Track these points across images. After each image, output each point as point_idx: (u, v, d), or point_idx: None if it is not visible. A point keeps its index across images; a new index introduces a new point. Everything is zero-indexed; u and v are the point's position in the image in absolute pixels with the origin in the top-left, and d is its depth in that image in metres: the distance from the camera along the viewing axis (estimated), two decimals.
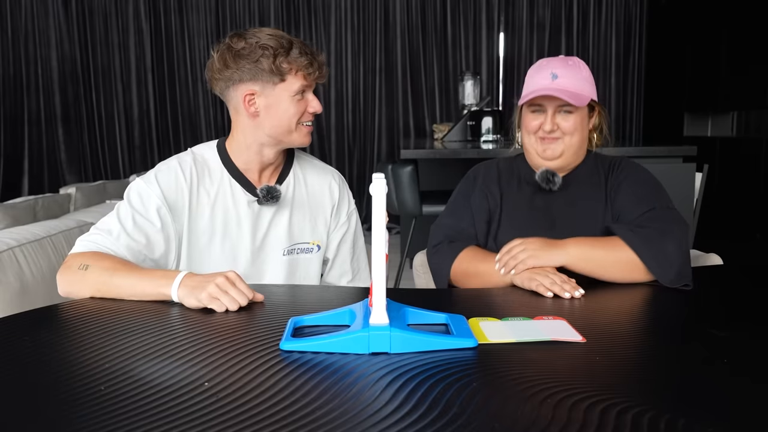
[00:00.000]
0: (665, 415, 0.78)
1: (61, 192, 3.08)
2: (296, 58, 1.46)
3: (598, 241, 1.41)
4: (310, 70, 1.48)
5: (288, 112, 1.49)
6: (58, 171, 5.76)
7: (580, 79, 1.51)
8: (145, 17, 5.64)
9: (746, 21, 4.52)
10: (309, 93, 1.51)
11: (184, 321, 1.19)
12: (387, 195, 1.00)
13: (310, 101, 1.51)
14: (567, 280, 1.32)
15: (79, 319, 1.21)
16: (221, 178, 1.54)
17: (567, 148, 1.53)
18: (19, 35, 5.58)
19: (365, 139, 5.79)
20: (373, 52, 5.68)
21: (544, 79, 1.50)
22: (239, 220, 1.53)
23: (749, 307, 1.31)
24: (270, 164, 1.56)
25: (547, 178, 1.54)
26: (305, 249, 1.59)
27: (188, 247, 1.51)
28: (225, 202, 1.53)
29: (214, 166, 1.55)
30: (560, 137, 1.52)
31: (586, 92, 1.51)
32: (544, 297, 1.33)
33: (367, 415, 0.79)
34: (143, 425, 0.77)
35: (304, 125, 1.52)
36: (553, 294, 1.30)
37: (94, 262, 1.36)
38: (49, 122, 5.69)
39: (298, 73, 1.47)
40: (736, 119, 4.82)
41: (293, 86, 1.47)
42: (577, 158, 1.59)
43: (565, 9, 5.64)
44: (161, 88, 5.71)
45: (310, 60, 1.47)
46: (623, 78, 5.71)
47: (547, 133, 1.52)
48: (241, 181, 1.54)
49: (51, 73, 5.64)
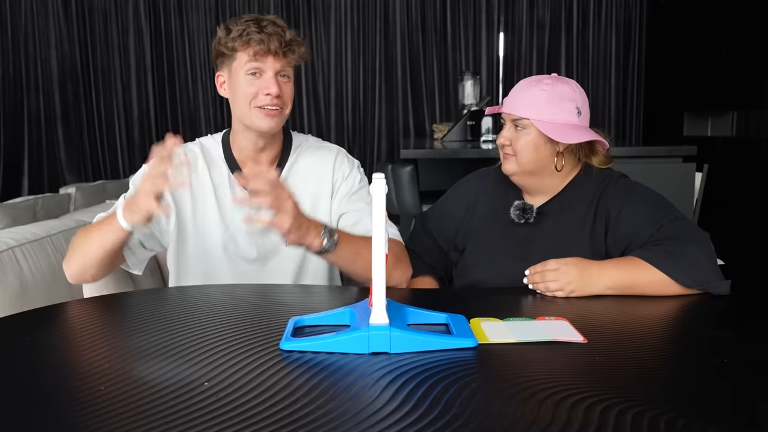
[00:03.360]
0: (665, 415, 0.78)
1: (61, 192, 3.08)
2: (242, 33, 1.42)
3: (625, 265, 1.35)
4: (260, 47, 1.42)
5: (240, 91, 1.46)
6: (58, 171, 5.75)
7: (539, 96, 1.46)
8: (145, 17, 5.63)
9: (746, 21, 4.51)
10: (268, 72, 1.45)
11: (184, 321, 1.19)
12: (387, 195, 1.00)
13: (265, 81, 1.45)
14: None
15: (79, 319, 1.21)
16: (222, 169, 1.55)
17: (520, 166, 1.49)
18: (19, 35, 5.58)
19: (365, 139, 5.79)
20: (373, 51, 5.68)
21: (510, 93, 1.52)
22: (236, 213, 1.51)
23: (749, 307, 1.31)
24: (261, 151, 1.54)
25: (521, 211, 1.52)
26: None
27: (188, 238, 1.52)
28: (225, 195, 1.53)
29: (217, 156, 1.56)
30: (513, 154, 1.50)
31: (541, 110, 1.45)
32: (545, 297, 1.33)
33: (367, 415, 0.79)
34: (143, 425, 0.77)
35: (264, 108, 1.46)
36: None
37: (82, 230, 1.42)
38: (48, 122, 5.69)
39: (247, 49, 1.43)
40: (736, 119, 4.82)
41: (242, 62, 1.44)
42: (546, 179, 1.52)
43: (565, 9, 5.63)
44: (161, 88, 5.70)
45: (258, 34, 1.42)
46: (623, 78, 5.71)
47: (500, 147, 1.52)
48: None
49: (51, 72, 5.63)
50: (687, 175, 2.77)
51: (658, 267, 1.32)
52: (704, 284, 1.32)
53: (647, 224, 1.42)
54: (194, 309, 1.25)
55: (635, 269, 1.33)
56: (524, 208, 1.52)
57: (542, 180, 1.53)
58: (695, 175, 2.77)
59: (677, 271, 1.31)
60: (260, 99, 1.45)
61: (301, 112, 5.58)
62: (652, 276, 1.32)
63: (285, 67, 1.47)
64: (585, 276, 1.32)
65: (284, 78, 1.48)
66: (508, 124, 1.51)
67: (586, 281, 1.32)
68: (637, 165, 2.98)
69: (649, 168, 2.92)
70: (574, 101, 1.47)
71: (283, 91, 1.47)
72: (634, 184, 1.54)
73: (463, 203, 1.64)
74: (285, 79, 1.48)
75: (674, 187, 2.68)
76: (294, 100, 1.54)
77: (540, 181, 1.53)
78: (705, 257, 1.34)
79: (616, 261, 1.38)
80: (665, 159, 3.03)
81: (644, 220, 1.43)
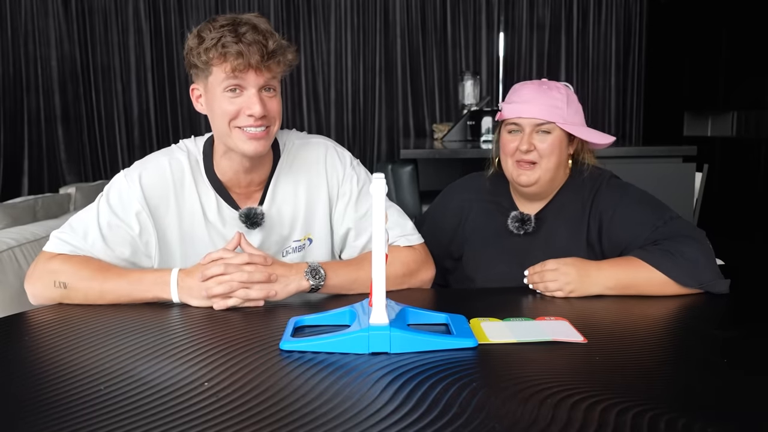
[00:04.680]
0: (665, 415, 0.78)
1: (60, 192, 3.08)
2: (216, 43, 1.23)
3: (624, 265, 1.35)
4: (238, 61, 1.22)
5: (218, 110, 1.29)
6: (58, 171, 5.75)
7: (558, 100, 1.48)
8: (145, 17, 5.63)
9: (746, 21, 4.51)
10: (250, 89, 1.26)
11: (184, 321, 1.19)
12: (387, 195, 1.00)
13: (247, 99, 1.26)
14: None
15: (79, 319, 1.21)
16: (208, 188, 1.41)
17: (543, 173, 1.49)
18: (18, 35, 5.57)
19: (365, 139, 5.78)
20: (373, 52, 5.67)
21: (521, 100, 1.50)
22: (224, 233, 1.41)
23: (749, 308, 1.31)
24: (247, 172, 1.39)
25: (520, 222, 1.52)
26: (298, 247, 1.49)
27: (174, 255, 1.42)
28: (213, 215, 1.41)
29: (202, 172, 1.41)
30: (536, 161, 1.48)
31: (564, 114, 1.48)
32: (545, 297, 1.33)
33: (367, 415, 0.79)
34: (143, 425, 0.77)
35: (244, 130, 1.28)
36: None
37: (72, 274, 1.29)
38: (48, 122, 5.68)
39: (224, 64, 1.24)
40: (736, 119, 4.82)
41: (219, 78, 1.26)
42: (554, 184, 1.54)
43: (565, 9, 5.63)
44: (161, 88, 5.70)
45: (235, 45, 1.22)
46: (623, 78, 5.71)
47: (523, 153, 1.48)
48: (224, 196, 1.42)
49: (51, 72, 5.63)
50: (687, 175, 2.76)
51: (656, 267, 1.32)
52: (703, 283, 1.32)
53: (643, 227, 1.42)
54: (194, 309, 1.25)
55: (633, 269, 1.33)
56: (522, 219, 1.52)
57: (552, 185, 1.53)
58: (695, 175, 2.77)
59: (676, 271, 1.31)
60: (242, 119, 1.28)
61: (301, 112, 5.58)
62: (650, 275, 1.32)
63: (269, 81, 1.29)
64: (584, 276, 1.32)
65: (269, 92, 1.30)
66: (528, 129, 1.48)
67: (585, 281, 1.32)
68: (637, 165, 2.98)
69: (649, 168, 2.92)
70: (579, 104, 1.52)
71: (269, 108, 1.29)
72: (626, 185, 1.55)
73: (454, 212, 1.64)
74: (270, 93, 1.30)
75: (674, 187, 2.69)
76: (294, 100, 1.46)
77: (550, 186, 1.53)
78: (703, 256, 1.34)
79: (614, 261, 1.38)
80: (665, 159, 3.03)
81: (639, 223, 1.43)
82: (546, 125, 1.47)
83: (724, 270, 1.35)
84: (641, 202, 1.49)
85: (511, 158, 1.51)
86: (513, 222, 1.52)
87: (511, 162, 1.51)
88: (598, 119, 5.58)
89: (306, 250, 1.50)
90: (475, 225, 1.60)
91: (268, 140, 1.33)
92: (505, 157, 1.53)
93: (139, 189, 1.37)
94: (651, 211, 1.45)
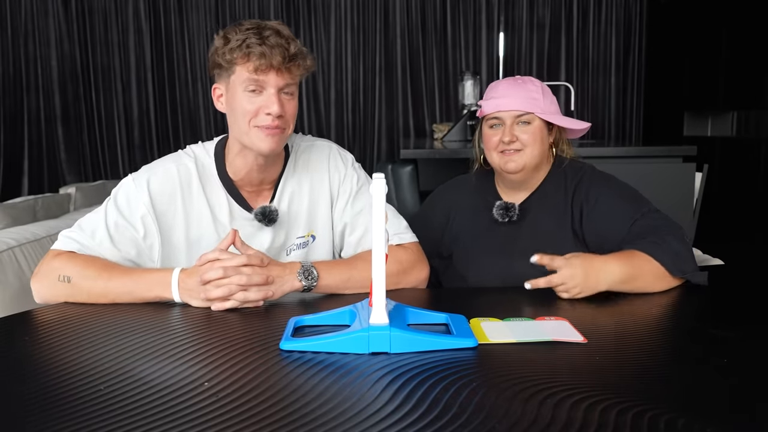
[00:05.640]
0: (665, 414, 0.78)
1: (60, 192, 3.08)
2: (242, 44, 1.30)
3: (627, 258, 1.34)
4: (261, 61, 1.29)
5: (239, 109, 1.34)
6: (58, 171, 5.75)
7: (534, 92, 1.55)
8: (145, 17, 5.63)
9: (746, 21, 4.51)
10: (270, 89, 1.32)
11: (184, 321, 1.19)
12: (387, 195, 1.00)
13: (266, 99, 1.33)
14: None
15: (79, 318, 1.21)
16: (217, 188, 1.44)
17: (529, 159, 1.53)
18: (18, 35, 5.57)
19: (365, 138, 5.78)
20: (373, 52, 5.67)
21: (499, 95, 1.55)
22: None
23: (749, 308, 1.31)
24: (260, 172, 1.44)
25: (504, 210, 1.56)
26: (302, 244, 1.51)
27: (179, 257, 1.43)
28: (223, 215, 1.44)
29: (212, 174, 1.45)
30: (521, 149, 1.53)
31: (541, 104, 1.54)
32: (545, 297, 1.33)
33: (367, 415, 0.79)
34: (143, 425, 0.77)
35: (263, 128, 1.34)
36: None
37: (77, 271, 1.31)
38: (48, 122, 5.69)
39: (247, 63, 1.31)
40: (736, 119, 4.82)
41: (242, 77, 1.32)
42: (538, 174, 1.59)
43: (565, 9, 5.63)
44: (161, 88, 5.70)
45: (259, 47, 1.29)
46: (623, 77, 5.71)
47: (506, 144, 1.52)
48: (235, 196, 1.45)
49: (51, 72, 5.63)
50: (687, 175, 2.77)
51: (655, 258, 1.33)
52: (686, 273, 1.35)
53: (623, 218, 1.46)
54: (194, 309, 1.25)
55: (638, 261, 1.34)
56: (506, 207, 1.56)
57: (537, 174, 1.58)
58: (695, 175, 2.77)
59: (667, 261, 1.34)
60: (260, 118, 1.34)
61: (301, 112, 5.58)
62: (651, 267, 1.34)
63: (289, 83, 1.34)
64: (591, 275, 1.29)
65: (287, 95, 1.36)
66: (509, 122, 1.53)
67: (592, 281, 1.30)
68: (637, 165, 2.98)
69: (649, 168, 2.92)
70: (553, 96, 1.59)
71: (286, 109, 1.35)
72: (608, 176, 1.59)
73: (442, 212, 1.69)
74: (288, 97, 1.36)
75: (674, 187, 2.69)
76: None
77: (535, 174, 1.58)
78: (684, 248, 1.38)
79: (617, 255, 1.37)
80: (665, 159, 3.03)
81: (619, 214, 1.47)
82: (525, 116, 1.53)
83: (723, 269, 1.35)
84: (622, 194, 1.53)
85: (495, 151, 1.56)
86: (497, 210, 1.57)
87: (496, 154, 1.56)
88: (598, 119, 5.59)
89: (309, 247, 1.53)
90: (463, 223, 1.65)
91: (282, 139, 1.38)
92: (489, 151, 1.58)
93: (146, 193, 1.40)
94: (630, 203, 1.49)
